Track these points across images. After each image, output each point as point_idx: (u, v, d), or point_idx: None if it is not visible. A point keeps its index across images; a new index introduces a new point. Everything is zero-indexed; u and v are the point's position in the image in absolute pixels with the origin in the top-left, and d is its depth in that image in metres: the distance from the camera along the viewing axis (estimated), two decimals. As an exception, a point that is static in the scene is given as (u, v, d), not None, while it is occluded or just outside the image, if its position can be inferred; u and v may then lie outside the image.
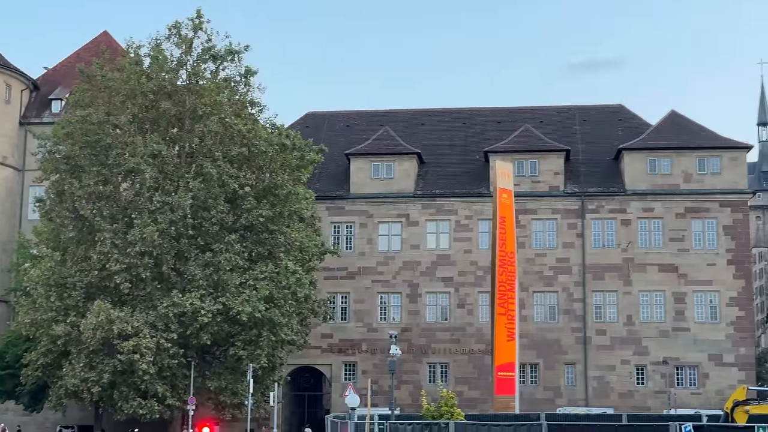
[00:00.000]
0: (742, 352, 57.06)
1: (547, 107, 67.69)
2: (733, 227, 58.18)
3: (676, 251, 57.91)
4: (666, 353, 56.47)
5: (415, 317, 59.00)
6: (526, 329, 55.73)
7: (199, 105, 48.46)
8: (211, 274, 46.58)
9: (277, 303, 47.15)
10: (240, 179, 47.57)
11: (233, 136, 48.47)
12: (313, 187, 56.87)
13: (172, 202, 46.45)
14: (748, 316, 58.24)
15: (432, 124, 66.30)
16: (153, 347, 44.46)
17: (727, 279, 57.59)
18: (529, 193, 58.62)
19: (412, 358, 57.84)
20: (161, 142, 47.87)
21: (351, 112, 69.36)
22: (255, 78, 50.87)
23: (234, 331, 47.17)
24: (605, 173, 60.52)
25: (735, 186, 58.62)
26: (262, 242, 48.90)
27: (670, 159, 58.99)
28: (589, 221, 58.94)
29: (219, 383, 47.62)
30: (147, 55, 50.07)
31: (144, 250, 45.87)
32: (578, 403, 55.86)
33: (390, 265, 59.65)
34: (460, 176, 61.55)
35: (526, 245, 58.06)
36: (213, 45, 49.92)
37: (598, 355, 57.47)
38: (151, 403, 45.59)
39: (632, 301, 57.78)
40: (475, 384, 56.78)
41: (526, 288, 57.12)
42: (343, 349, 59.01)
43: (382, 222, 60.26)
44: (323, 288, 56.67)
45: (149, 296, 46.77)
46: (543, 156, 59.95)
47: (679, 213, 58.37)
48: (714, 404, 51.63)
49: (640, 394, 56.82)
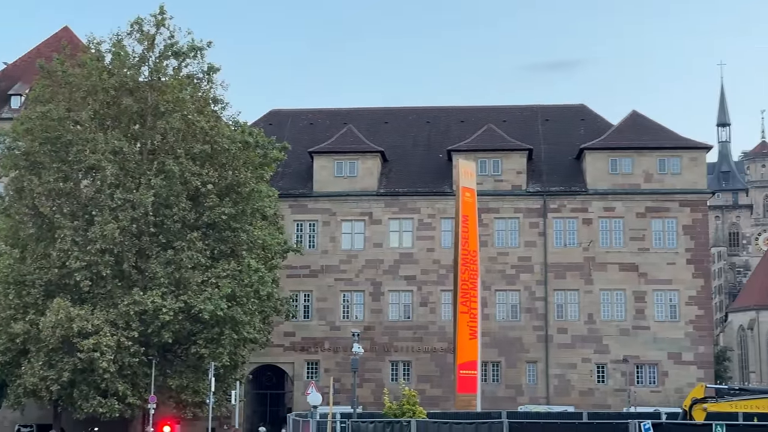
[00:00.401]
0: (701, 350, 57.69)
1: (510, 107, 68.03)
2: (693, 227, 58.78)
3: (637, 250, 58.41)
4: (626, 351, 56.94)
5: (377, 315, 59.03)
6: (488, 328, 55.92)
7: (162, 102, 48.16)
8: (172, 272, 46.30)
9: (239, 301, 46.97)
10: (202, 177, 47.30)
11: (196, 134, 48.22)
12: (276, 185, 56.74)
13: (134, 199, 46.11)
14: (706, 314, 58.90)
15: (396, 122, 66.36)
16: (113, 345, 44.13)
17: (686, 278, 58.18)
18: (492, 192, 58.83)
19: (375, 357, 57.87)
20: (123, 139, 47.51)
21: (315, 110, 69.24)
22: (218, 75, 50.79)
23: (196, 330, 46.94)
24: (567, 173, 60.90)
25: (695, 186, 59.23)
26: (224, 240, 48.68)
27: (631, 159, 59.50)
28: (551, 220, 59.28)
29: (180, 382, 47.36)
30: (108, 51, 49.70)
31: (105, 247, 45.51)
32: (539, 401, 56.20)
33: (353, 263, 59.63)
34: (423, 175, 61.66)
35: (489, 244, 58.28)
36: (175, 41, 49.66)
37: (559, 353, 57.82)
38: (111, 402, 45.25)
39: (593, 300, 58.20)
40: (437, 382, 56.92)
41: (489, 286, 57.32)
42: (305, 348, 58.92)
43: (345, 220, 60.22)
44: (286, 286, 56.54)
45: (110, 294, 46.40)
46: (506, 155, 60.21)
47: (639, 212, 58.87)
48: (673, 402, 52.16)
49: (601, 392, 57.27)
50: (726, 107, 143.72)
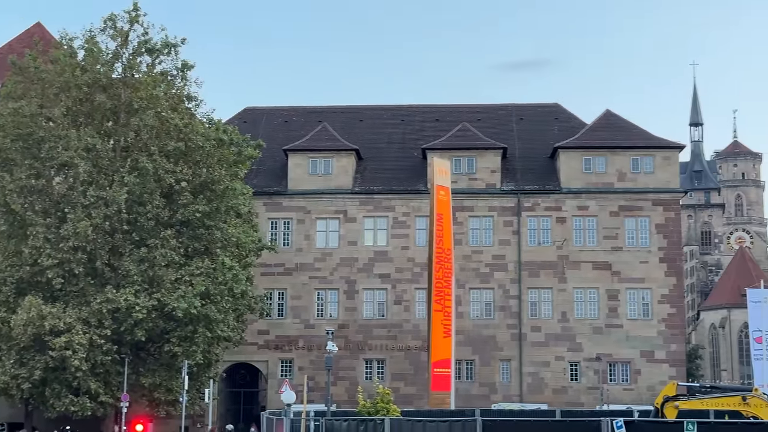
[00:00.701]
0: (673, 348, 58.10)
1: (485, 105, 68.23)
2: (666, 226, 59.16)
3: (610, 249, 58.73)
4: (599, 350, 57.23)
5: (352, 314, 59.02)
6: (463, 326, 56.05)
7: (135, 98, 47.87)
8: (146, 269, 46.06)
9: (213, 299, 46.81)
10: (176, 174, 47.08)
11: (169, 131, 47.99)
12: (250, 182, 56.61)
13: (107, 196, 45.82)
14: (678, 313, 59.32)
15: (370, 120, 66.37)
16: (86, 343, 43.84)
17: (659, 277, 58.55)
18: (467, 190, 58.97)
19: (349, 355, 57.86)
20: (96, 136, 47.18)
21: (289, 108, 69.16)
22: (192, 72, 50.50)
23: (169, 328, 46.73)
24: (541, 171, 61.13)
25: (667, 185, 59.62)
26: (198, 238, 48.49)
27: (604, 158, 59.80)
28: (525, 219, 59.48)
29: (153, 380, 47.12)
30: (81, 47, 49.32)
31: (77, 245, 45.21)
32: (513, 399, 56.42)
33: (327, 261, 59.57)
34: (398, 173, 61.71)
35: (463, 242, 58.42)
36: (149, 38, 49.32)
37: (532, 351, 58.04)
38: (83, 400, 44.96)
39: (566, 298, 58.46)
40: (411, 380, 56.99)
41: (463, 285, 57.43)
42: (279, 346, 58.83)
43: (319, 218, 60.16)
44: (260, 284, 56.45)
45: (82, 292, 46.08)
46: (480, 154, 60.36)
47: (613, 211, 59.19)
48: (645, 400, 52.50)
49: (574, 390, 57.56)
50: (698, 107, 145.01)
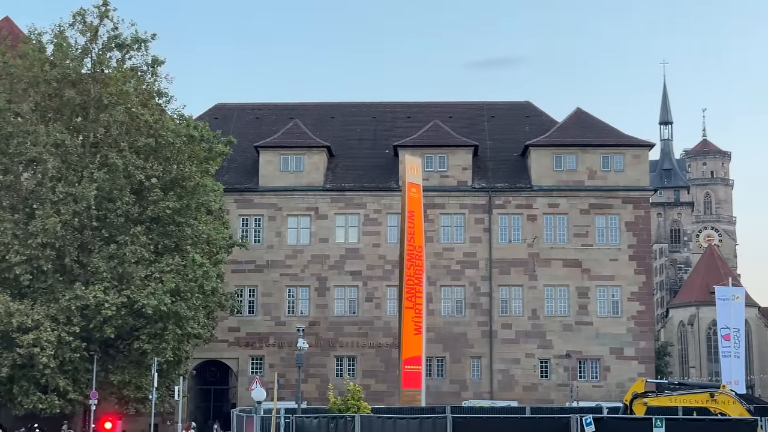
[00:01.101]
0: (642, 345, 58.45)
1: (457, 103, 68.32)
2: (635, 223, 59.50)
3: (580, 246, 59.01)
4: (569, 347, 57.52)
5: (323, 311, 58.93)
6: (433, 323, 56.15)
7: (105, 94, 47.50)
8: (115, 266, 45.72)
9: (183, 296, 46.55)
10: (146, 170, 46.78)
11: (140, 127, 47.68)
12: (221, 179, 56.36)
13: (76, 192, 45.47)
14: (648, 310, 59.70)
15: (342, 117, 66.29)
16: (54, 340, 43.46)
17: (628, 274, 58.89)
18: (438, 187, 59.04)
19: (320, 352, 57.76)
20: (65, 132, 46.79)
21: (261, 104, 68.94)
22: (162, 68, 50.24)
23: (139, 325, 46.43)
24: (512, 169, 61.31)
25: (637, 183, 59.96)
26: (168, 234, 48.20)
27: (575, 156, 60.06)
28: (496, 216, 59.63)
29: (123, 377, 46.81)
30: (50, 42, 48.89)
31: (46, 241, 44.83)
32: (483, 396, 56.55)
33: (298, 258, 59.45)
34: (369, 170, 61.67)
35: (434, 239, 58.50)
36: (119, 33, 49.00)
37: (503, 348, 58.22)
38: (51, 398, 44.60)
39: (537, 296, 58.68)
40: (382, 377, 57.00)
41: (434, 282, 57.54)
42: (250, 343, 58.62)
43: (290, 215, 60.00)
44: (231, 281, 56.25)
45: (51, 288, 45.70)
46: (452, 151, 60.44)
47: (583, 209, 59.46)
48: (615, 397, 52.81)
49: (544, 387, 57.78)
50: (668, 105, 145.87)
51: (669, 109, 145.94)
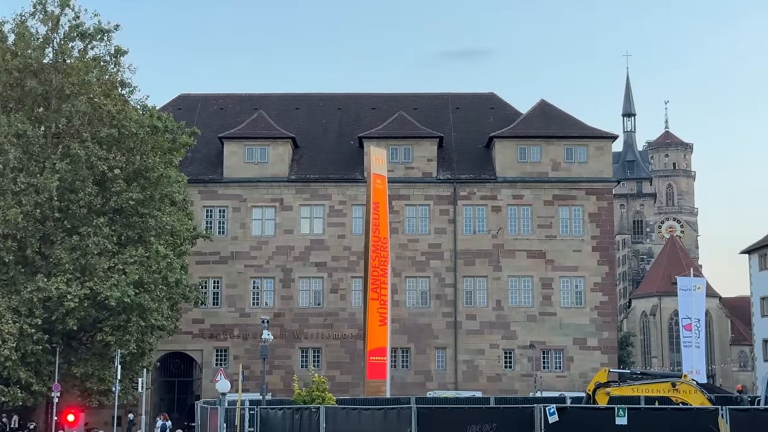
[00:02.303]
0: (605, 336, 58.92)
1: (422, 94, 68.35)
2: (598, 215, 59.91)
3: (544, 238, 59.32)
4: (533, 337, 57.86)
5: (288, 302, 58.83)
6: (398, 314, 56.27)
7: (67, 84, 47.06)
8: (78, 258, 45.36)
9: (147, 288, 46.28)
10: (109, 161, 46.41)
11: (102, 117, 47.30)
12: (185, 170, 56.03)
13: (38, 183, 45.03)
14: (611, 301, 60.15)
15: (307, 108, 66.11)
16: (16, 333, 43.11)
17: (591, 265, 59.29)
18: (403, 179, 59.10)
19: (285, 343, 57.69)
20: (26, 122, 46.30)
21: (225, 95, 68.56)
22: (125, 58, 49.82)
23: (102, 317, 46.12)
24: (477, 160, 61.49)
25: (600, 175, 60.35)
26: (132, 226, 47.87)
27: (539, 147, 60.32)
28: (461, 207, 59.79)
29: (85, 369, 46.50)
30: (11, 31, 48.33)
31: (7, 232, 44.40)
32: (448, 387, 56.73)
33: (263, 249, 59.27)
34: (334, 161, 61.59)
35: (399, 231, 58.57)
36: (81, 23, 48.53)
37: (467, 339, 58.46)
38: (14, 390, 44.24)
39: (501, 287, 58.93)
40: (347, 368, 57.04)
41: (399, 273, 57.64)
42: (214, 335, 58.40)
43: (255, 206, 59.80)
44: (195, 273, 55.98)
45: (12, 280, 45.27)
46: (417, 142, 60.50)
47: (547, 200, 59.77)
48: (578, 387, 53.17)
49: (508, 378, 58.10)
50: (631, 98, 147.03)
51: (632, 101, 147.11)
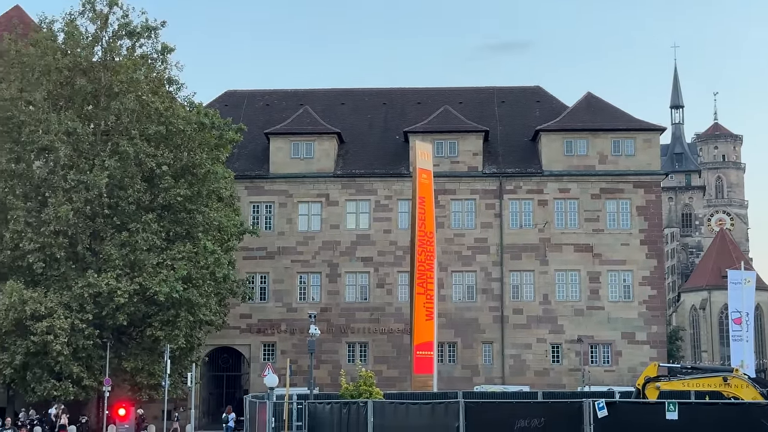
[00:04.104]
0: (654, 330, 58.40)
1: (467, 88, 68.11)
2: (646, 208, 59.37)
3: (591, 231, 58.89)
4: (580, 331, 57.47)
5: (334, 297, 59.01)
6: (445, 308, 56.20)
7: (115, 82, 47.63)
8: (127, 254, 45.91)
9: (195, 283, 46.72)
10: (157, 158, 46.92)
11: (150, 114, 47.79)
12: (232, 166, 56.42)
13: (88, 180, 45.63)
14: (659, 295, 59.59)
15: (352, 103, 66.20)
16: (67, 328, 43.75)
17: (639, 259, 58.77)
18: (448, 173, 58.99)
19: (332, 338, 57.88)
20: (76, 120, 46.94)
21: (271, 91, 68.86)
22: (172, 55, 50.48)
23: (151, 312, 46.65)
24: (523, 154, 61.20)
25: (648, 167, 59.79)
26: (179, 222, 48.35)
27: (585, 140, 59.90)
28: (507, 201, 59.54)
29: (135, 364, 47.07)
30: (61, 30, 48.99)
31: (58, 229, 45.04)
32: (495, 381, 56.61)
33: (309, 245, 59.49)
34: (380, 156, 61.63)
35: (445, 225, 58.49)
36: (129, 21, 49.07)
37: (514, 333, 58.24)
38: (65, 385, 44.91)
39: (548, 281, 58.62)
40: (393, 363, 57.09)
41: (445, 268, 57.56)
42: (262, 329, 58.76)
43: (301, 202, 60.04)
44: (242, 268, 56.35)
45: (64, 276, 45.94)
46: (462, 137, 60.34)
47: (594, 194, 59.32)
48: (626, 381, 52.81)
49: (556, 372, 57.81)
50: (679, 89, 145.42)
51: (680, 93, 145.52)
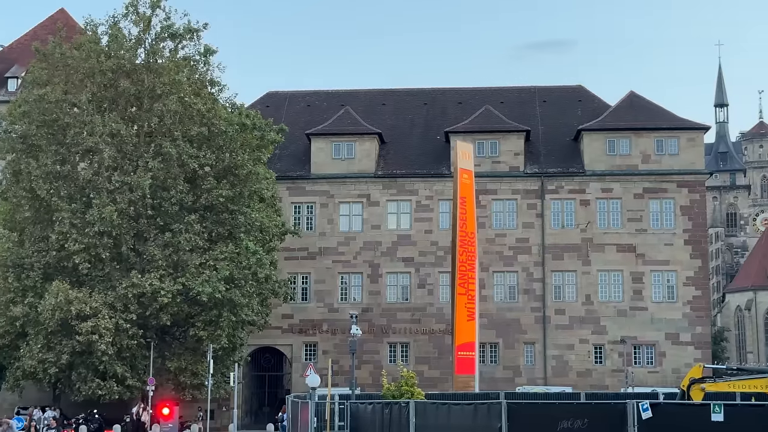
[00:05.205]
0: (698, 330, 57.79)
1: (508, 88, 67.85)
2: (690, 207, 58.77)
3: (634, 231, 58.41)
4: (624, 332, 57.02)
5: (375, 297, 59.06)
6: (486, 309, 56.04)
7: (158, 84, 48.03)
8: (170, 254, 46.31)
9: (237, 283, 47.00)
10: (200, 159, 47.28)
11: (193, 116, 48.14)
12: (273, 167, 56.66)
13: (131, 181, 46.09)
14: (704, 295, 58.94)
15: (393, 104, 66.21)
16: (112, 328, 44.19)
17: (683, 259, 58.20)
18: (490, 173, 58.79)
19: (373, 338, 57.94)
20: (120, 122, 47.42)
21: (312, 92, 69.06)
22: (214, 57, 50.61)
23: (194, 312, 47.00)
24: (565, 154, 60.84)
25: (692, 167, 59.17)
26: (222, 222, 48.67)
27: (628, 140, 59.41)
28: (549, 201, 59.23)
29: (179, 364, 47.45)
30: (105, 33, 49.51)
31: (103, 230, 45.50)
32: (537, 382, 56.33)
33: (351, 245, 59.60)
34: (421, 156, 61.58)
35: (487, 225, 58.30)
36: (171, 23, 49.51)
37: (557, 334, 57.93)
38: (110, 384, 45.36)
39: (591, 281, 58.22)
40: (435, 363, 57.02)
41: (486, 268, 57.37)
42: (303, 330, 58.95)
43: (342, 202, 60.15)
44: (284, 268, 56.54)
45: (108, 277, 46.43)
46: (503, 136, 60.12)
47: (637, 193, 58.83)
48: (670, 382, 52.35)
49: (598, 373, 57.40)
50: (723, 87, 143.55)
51: (724, 92, 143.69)
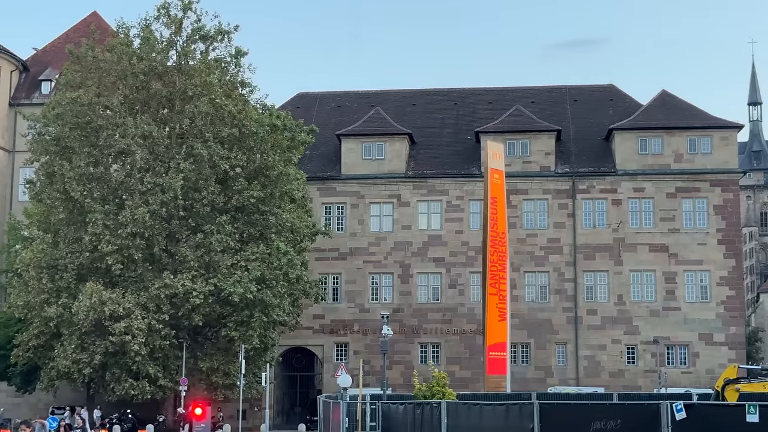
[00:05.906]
0: (732, 331, 57.28)
1: (539, 87, 67.57)
2: (724, 207, 58.27)
3: (667, 231, 58.00)
4: (656, 332, 56.66)
5: (406, 298, 59.04)
6: (518, 309, 55.86)
7: (190, 86, 48.30)
8: (202, 255, 46.55)
9: (268, 284, 47.16)
10: (231, 160, 47.48)
11: (224, 117, 48.38)
12: (304, 167, 56.80)
13: (163, 183, 46.38)
14: (738, 295, 58.43)
15: (423, 104, 66.16)
16: (144, 328, 44.50)
17: (717, 259, 57.71)
18: (521, 173, 58.60)
19: (404, 339, 57.92)
20: (152, 123, 47.74)
21: (342, 93, 69.16)
22: (245, 58, 50.84)
23: (226, 312, 47.22)
24: (596, 153, 60.52)
25: (725, 166, 58.67)
26: (253, 223, 48.86)
27: (660, 139, 59.01)
28: (580, 201, 58.94)
29: (211, 364, 47.68)
30: (137, 35, 49.88)
31: (135, 231, 45.81)
32: (569, 383, 56.05)
33: (381, 245, 59.62)
34: (451, 157, 61.49)
35: (518, 225, 58.11)
36: (203, 25, 49.79)
37: (589, 334, 57.63)
38: (143, 384, 45.68)
39: (623, 281, 57.88)
40: (466, 364, 56.92)
41: (518, 268, 57.17)
42: (334, 330, 59.05)
43: (373, 203, 60.19)
44: (315, 269, 56.65)
45: (141, 277, 46.75)
46: (534, 136, 59.90)
47: (669, 193, 58.41)
48: (704, 383, 51.89)
49: (631, 373, 57.04)
50: (757, 86, 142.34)
51: (758, 90, 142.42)
